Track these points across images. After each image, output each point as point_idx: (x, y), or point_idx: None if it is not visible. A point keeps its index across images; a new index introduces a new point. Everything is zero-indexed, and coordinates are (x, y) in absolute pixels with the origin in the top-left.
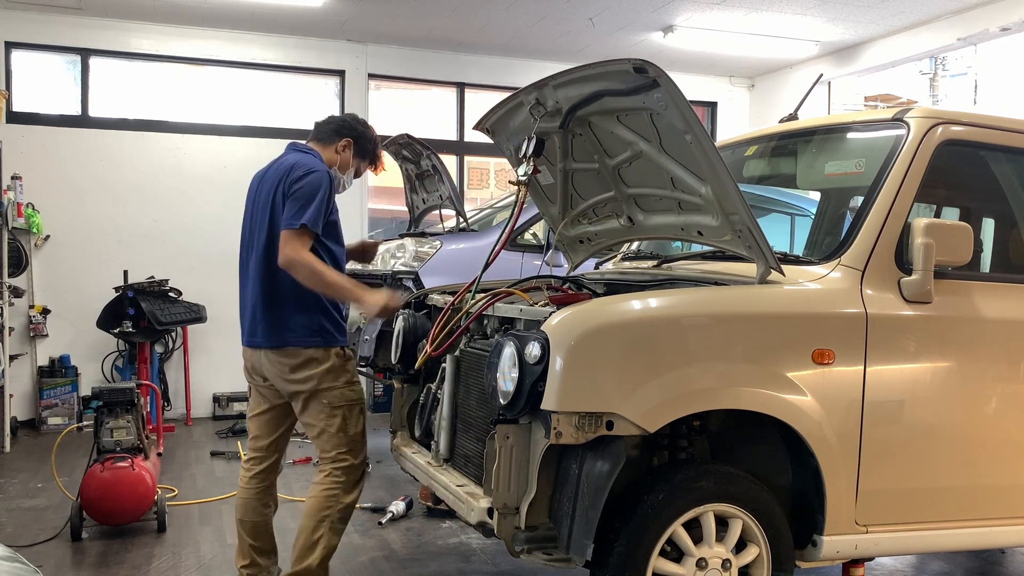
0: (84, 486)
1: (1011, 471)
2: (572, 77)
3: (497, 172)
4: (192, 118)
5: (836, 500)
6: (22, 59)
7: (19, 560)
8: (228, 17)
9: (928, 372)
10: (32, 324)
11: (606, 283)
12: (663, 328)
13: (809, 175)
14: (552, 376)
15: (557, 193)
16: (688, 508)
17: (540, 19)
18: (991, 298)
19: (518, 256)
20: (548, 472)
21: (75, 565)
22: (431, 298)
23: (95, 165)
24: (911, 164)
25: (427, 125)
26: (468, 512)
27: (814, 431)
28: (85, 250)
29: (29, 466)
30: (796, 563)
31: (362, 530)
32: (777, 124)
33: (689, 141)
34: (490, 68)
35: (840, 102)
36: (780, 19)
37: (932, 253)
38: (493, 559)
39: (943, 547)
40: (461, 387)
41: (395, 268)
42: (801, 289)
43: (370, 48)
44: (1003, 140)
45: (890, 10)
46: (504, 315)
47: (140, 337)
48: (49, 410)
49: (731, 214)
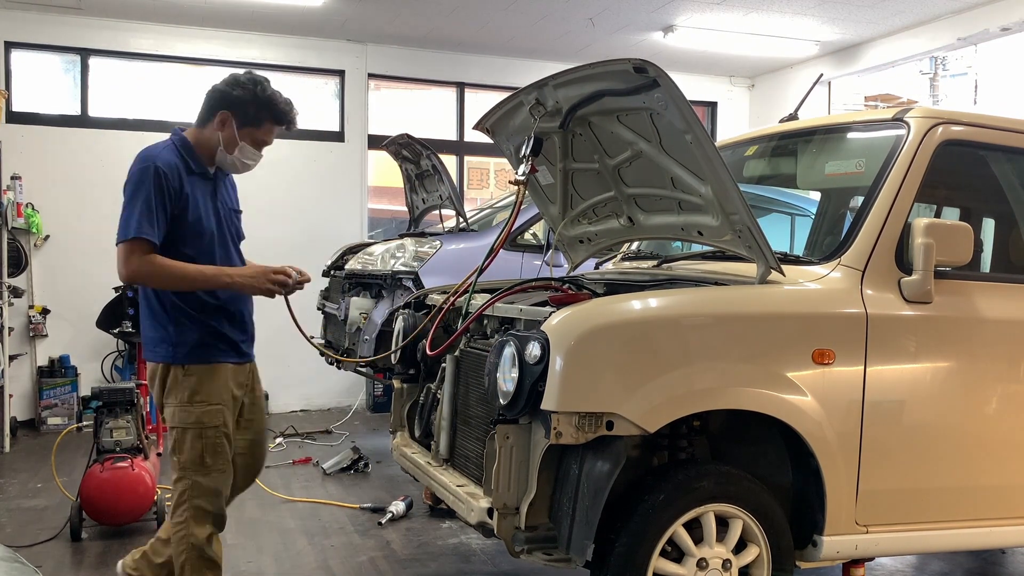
0: (84, 486)
1: (1011, 471)
2: (572, 77)
3: (497, 172)
4: (192, 118)
5: (836, 500)
6: (22, 59)
7: (19, 560)
8: (228, 17)
9: (928, 372)
10: (32, 324)
11: (606, 283)
12: (663, 328)
13: (809, 175)
14: (552, 376)
15: (557, 193)
16: (688, 508)
17: (540, 19)
18: (991, 298)
19: (518, 256)
20: (548, 472)
21: (75, 565)
22: (431, 298)
23: (95, 165)
24: (911, 164)
25: (427, 125)
26: (468, 512)
27: (814, 431)
28: (85, 250)
29: (29, 466)
30: (796, 563)
31: (362, 530)
32: (777, 124)
33: (689, 141)
34: (490, 68)
35: (840, 102)
36: (780, 19)
37: (932, 253)
38: (493, 559)
39: (943, 547)
40: (461, 387)
41: (395, 268)
42: (801, 289)
43: (370, 48)
44: (1003, 140)
45: (890, 10)
46: (504, 315)
47: (140, 337)
48: (49, 410)
49: (731, 214)
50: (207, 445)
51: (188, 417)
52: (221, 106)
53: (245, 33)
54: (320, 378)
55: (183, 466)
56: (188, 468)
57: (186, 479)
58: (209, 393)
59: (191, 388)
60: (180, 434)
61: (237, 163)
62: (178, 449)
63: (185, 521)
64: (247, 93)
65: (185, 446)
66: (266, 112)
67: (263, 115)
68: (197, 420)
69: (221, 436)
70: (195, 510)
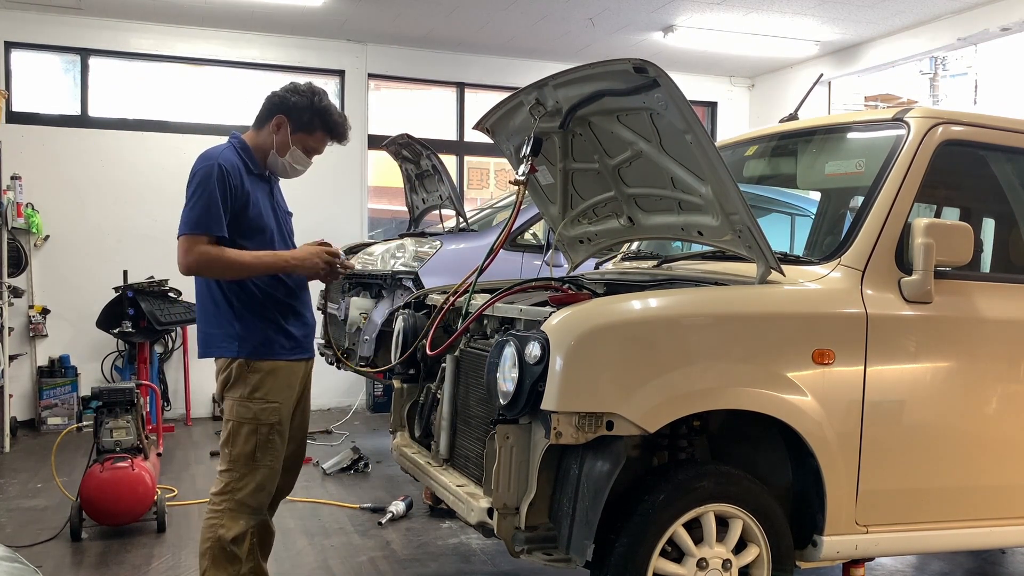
0: (84, 486)
1: (1011, 471)
2: (572, 77)
3: (497, 172)
4: (192, 118)
5: (836, 500)
6: (22, 59)
7: (19, 560)
8: (228, 17)
9: (928, 372)
10: (32, 324)
11: (606, 283)
12: (663, 328)
13: (809, 175)
14: (552, 376)
15: (557, 193)
16: (688, 508)
17: (540, 19)
18: (991, 298)
19: (518, 256)
20: (548, 472)
21: (75, 565)
22: (431, 298)
23: (95, 165)
24: (911, 164)
25: (427, 125)
26: (468, 512)
27: (814, 431)
28: (85, 250)
29: (29, 466)
30: (796, 563)
31: (362, 530)
32: (777, 124)
33: (689, 141)
34: (490, 68)
35: (840, 102)
36: (780, 19)
37: (932, 253)
38: (493, 559)
39: (943, 547)
40: (461, 387)
41: (395, 268)
42: (801, 289)
43: (370, 48)
44: (1003, 140)
45: (890, 10)
46: (504, 315)
47: (140, 337)
48: (49, 410)
49: (731, 214)
50: (260, 441)
51: (246, 412)
52: (279, 110)
53: (245, 33)
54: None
55: (233, 459)
56: (237, 462)
57: (234, 471)
58: (269, 391)
59: (253, 385)
60: (235, 428)
61: (287, 167)
62: (231, 442)
63: (221, 512)
64: (304, 100)
65: (239, 440)
66: (319, 121)
67: (316, 123)
68: (255, 416)
69: (275, 434)
70: (236, 504)
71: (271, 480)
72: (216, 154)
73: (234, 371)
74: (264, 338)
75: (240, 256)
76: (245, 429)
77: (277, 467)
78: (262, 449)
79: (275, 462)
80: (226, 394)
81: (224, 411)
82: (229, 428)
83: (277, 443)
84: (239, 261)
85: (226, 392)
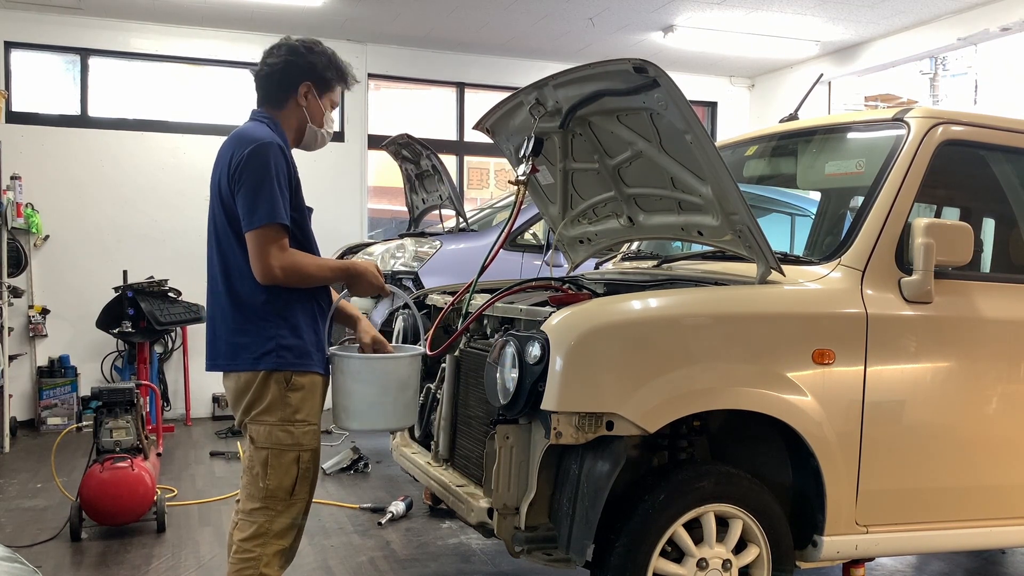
0: (83, 486)
1: (1011, 471)
2: (572, 77)
3: (497, 172)
4: (192, 118)
5: (836, 500)
6: (22, 59)
7: (18, 560)
8: (228, 17)
9: (928, 372)
10: (31, 324)
11: (606, 283)
12: (663, 328)
13: (809, 175)
14: (552, 376)
15: (557, 193)
16: (689, 508)
17: (540, 19)
18: (991, 298)
19: (518, 256)
20: (548, 472)
21: (74, 565)
22: (431, 298)
23: (95, 165)
24: (911, 164)
25: (427, 125)
26: (468, 512)
27: (814, 431)
28: (85, 250)
29: (28, 466)
30: (796, 563)
31: (362, 530)
32: (777, 124)
33: (689, 141)
34: (490, 68)
35: (840, 102)
36: (780, 19)
37: (932, 253)
38: (493, 559)
39: (943, 547)
40: (461, 387)
41: (395, 268)
42: (801, 289)
43: (370, 48)
44: (1003, 140)
45: (890, 10)
46: (504, 315)
47: (139, 337)
48: (48, 410)
49: (731, 214)
50: (303, 472)
51: (287, 439)
52: (305, 76)
53: (245, 33)
54: None
55: (270, 493)
56: (274, 497)
57: (269, 510)
58: (311, 411)
59: (294, 405)
60: (273, 457)
61: (324, 136)
62: (267, 474)
63: (255, 560)
64: (323, 58)
65: (279, 471)
66: (335, 72)
67: (334, 77)
68: (297, 442)
69: (316, 461)
70: (272, 549)
71: (304, 517)
72: (266, 134)
73: (271, 389)
74: (304, 349)
75: (318, 261)
76: (287, 458)
77: (311, 501)
78: (302, 481)
79: (310, 496)
80: (257, 417)
81: (253, 438)
82: (264, 458)
83: (313, 472)
84: (317, 267)
85: (257, 415)
